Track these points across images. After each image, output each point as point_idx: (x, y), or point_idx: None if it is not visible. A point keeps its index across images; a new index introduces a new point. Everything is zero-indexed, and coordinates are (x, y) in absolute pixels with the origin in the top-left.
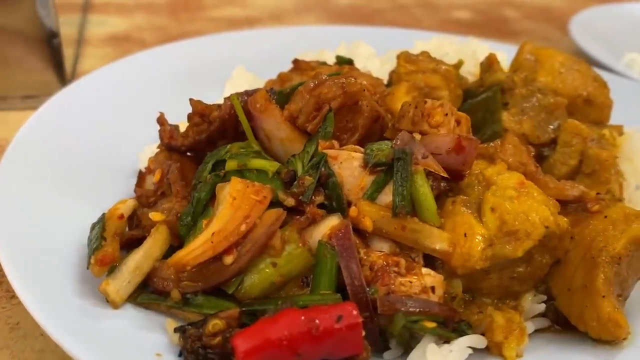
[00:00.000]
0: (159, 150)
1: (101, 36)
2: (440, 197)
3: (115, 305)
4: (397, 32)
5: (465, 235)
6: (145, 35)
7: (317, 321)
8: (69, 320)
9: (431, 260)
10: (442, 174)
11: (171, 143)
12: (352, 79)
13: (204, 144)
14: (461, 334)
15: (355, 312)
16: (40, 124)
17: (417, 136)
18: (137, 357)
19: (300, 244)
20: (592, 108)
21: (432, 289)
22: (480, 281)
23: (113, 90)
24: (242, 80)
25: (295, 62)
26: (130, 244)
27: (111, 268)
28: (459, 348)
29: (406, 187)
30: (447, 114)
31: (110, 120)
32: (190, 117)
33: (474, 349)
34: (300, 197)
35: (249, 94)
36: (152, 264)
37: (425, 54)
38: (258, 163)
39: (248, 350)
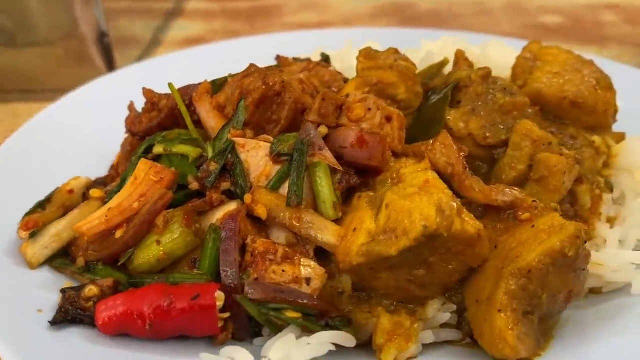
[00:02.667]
0: (127, 135)
1: (176, 39)
2: (353, 192)
3: (31, 266)
4: (411, 32)
5: (354, 230)
6: (218, 39)
7: (171, 297)
8: None
9: (329, 254)
10: (337, 167)
11: (132, 129)
12: (276, 72)
13: (157, 130)
14: (333, 329)
15: (212, 294)
16: (60, 111)
17: (324, 129)
18: (21, 310)
19: (183, 225)
20: (582, 112)
21: (307, 280)
22: (370, 280)
23: (136, 87)
24: None
25: (277, 58)
26: None
27: (33, 232)
28: (318, 342)
29: (300, 177)
30: (370, 109)
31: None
32: (144, 106)
33: (348, 348)
34: (204, 182)
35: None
36: (72, 233)
37: (391, 50)
38: (182, 148)
39: (107, 316)
